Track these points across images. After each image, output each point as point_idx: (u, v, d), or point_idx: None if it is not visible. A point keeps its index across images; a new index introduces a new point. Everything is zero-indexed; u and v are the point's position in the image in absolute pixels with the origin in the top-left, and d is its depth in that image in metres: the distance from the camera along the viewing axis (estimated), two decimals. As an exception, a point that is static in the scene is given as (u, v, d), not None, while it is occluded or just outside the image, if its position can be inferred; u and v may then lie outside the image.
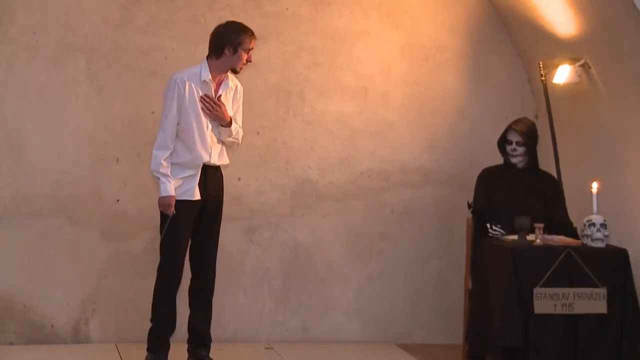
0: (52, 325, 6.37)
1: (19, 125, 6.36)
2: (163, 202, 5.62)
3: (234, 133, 5.79)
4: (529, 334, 5.63)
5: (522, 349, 5.66)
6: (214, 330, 5.95)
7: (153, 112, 6.47)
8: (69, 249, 6.39)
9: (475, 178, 6.27)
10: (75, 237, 6.40)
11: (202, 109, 5.66)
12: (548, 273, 5.61)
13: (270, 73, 6.69)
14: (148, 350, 5.78)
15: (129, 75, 6.48)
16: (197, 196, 5.68)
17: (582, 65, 6.20)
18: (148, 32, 6.51)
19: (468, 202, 6.11)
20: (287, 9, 6.70)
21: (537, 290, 5.61)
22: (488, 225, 5.95)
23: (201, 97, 5.67)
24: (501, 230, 5.90)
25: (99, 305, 6.43)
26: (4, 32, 6.34)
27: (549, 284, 5.61)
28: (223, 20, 6.53)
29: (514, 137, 6.11)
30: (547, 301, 5.61)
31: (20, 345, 6.27)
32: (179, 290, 5.82)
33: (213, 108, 5.68)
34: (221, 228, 6.43)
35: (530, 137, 6.09)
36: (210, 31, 6.51)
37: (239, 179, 6.64)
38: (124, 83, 6.48)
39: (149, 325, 5.80)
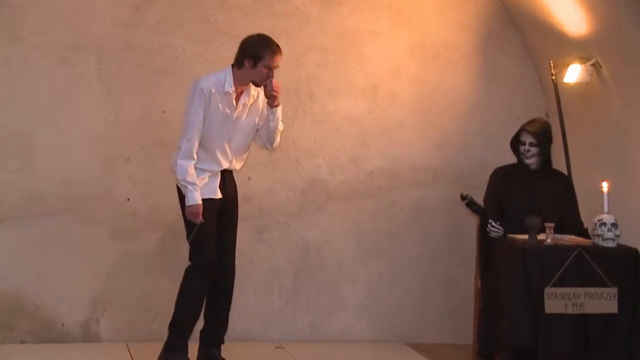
0: (63, 324, 6.38)
1: (29, 125, 6.37)
2: (191, 210, 5.59)
3: (280, 118, 5.76)
4: (539, 334, 5.63)
5: (532, 348, 5.65)
6: (224, 330, 5.96)
7: (163, 112, 6.48)
8: (79, 248, 6.40)
9: (484, 177, 6.26)
10: (85, 236, 6.41)
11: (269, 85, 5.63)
12: (559, 273, 5.61)
13: (280, 72, 6.63)
14: (166, 347, 5.70)
15: (139, 74, 6.48)
16: (219, 194, 5.70)
17: (592, 65, 6.19)
18: (158, 31, 6.52)
19: (461, 194, 6.06)
20: (297, 8, 6.70)
21: (548, 290, 5.60)
22: (489, 223, 5.92)
23: (271, 80, 5.62)
24: (499, 228, 5.87)
25: (110, 304, 6.44)
26: (14, 31, 6.35)
27: (559, 283, 5.61)
28: (233, 20, 6.56)
29: (526, 139, 6.08)
30: (558, 301, 5.61)
31: (31, 344, 6.29)
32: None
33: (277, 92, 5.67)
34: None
35: (543, 138, 6.06)
36: (220, 30, 6.53)
37: (249, 179, 6.65)
38: (133, 82, 6.48)
39: (159, 324, 5.81)
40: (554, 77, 6.45)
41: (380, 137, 6.81)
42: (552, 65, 6.44)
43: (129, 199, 6.49)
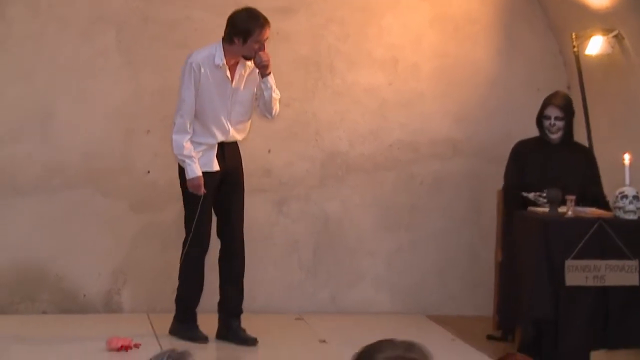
0: (85, 295, 6.43)
1: (50, 97, 6.39)
2: (192, 183, 5.67)
3: (274, 86, 5.74)
4: (560, 306, 5.62)
5: (552, 321, 5.65)
6: (244, 302, 5.99)
7: (183, 84, 6.47)
8: (100, 220, 6.43)
9: (505, 150, 6.24)
10: (106, 208, 6.44)
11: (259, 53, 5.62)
12: (580, 245, 5.59)
13: (300, 45, 6.68)
14: (175, 318, 5.87)
15: (158, 47, 6.48)
16: (215, 167, 5.73)
17: (615, 36, 6.14)
18: (177, 3, 6.51)
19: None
20: (317, -21, 6.68)
21: (569, 263, 5.59)
22: (531, 195, 5.88)
23: (260, 53, 5.62)
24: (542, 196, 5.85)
25: (130, 276, 6.48)
26: (35, 3, 6.35)
27: (580, 256, 5.59)
28: (253, -8, 6.52)
29: (552, 113, 6.00)
30: (579, 273, 5.59)
31: (53, 315, 6.33)
32: (211, 262, 5.87)
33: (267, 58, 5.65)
34: (251, 200, 6.47)
35: (568, 111, 6.02)
36: (240, 1, 6.47)
37: (269, 151, 6.65)
38: (153, 55, 6.48)
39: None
40: (575, 49, 6.41)
41: (400, 110, 6.79)
42: (574, 37, 6.40)
43: (149, 172, 6.51)
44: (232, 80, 5.70)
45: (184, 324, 5.83)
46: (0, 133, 6.35)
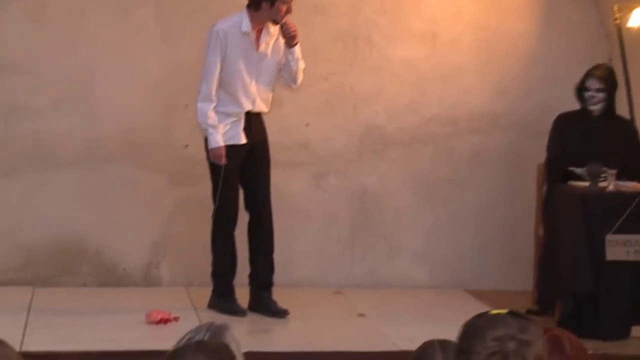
0: (124, 268, 6.47)
1: (90, 71, 6.41)
2: (214, 153, 5.69)
3: (300, 56, 5.75)
4: (599, 281, 5.59)
5: (591, 295, 5.62)
6: (282, 276, 6.01)
7: (222, 57, 6.46)
8: (139, 193, 6.47)
9: (546, 123, 6.19)
10: (145, 182, 6.47)
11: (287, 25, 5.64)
12: (621, 220, 5.55)
13: (338, 18, 6.64)
14: (214, 292, 5.91)
15: (197, 20, 6.46)
16: (243, 140, 5.73)
17: (658, 8, 6.06)
18: (216, -25, 6.50)
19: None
20: (355, -48, 6.63)
21: (610, 237, 5.55)
22: (578, 170, 5.83)
23: (283, 23, 5.64)
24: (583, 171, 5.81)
25: (170, 249, 6.51)
26: (73, -23, 6.37)
27: (621, 230, 5.55)
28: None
29: (592, 84, 5.95)
30: (620, 248, 5.56)
31: (93, 287, 6.39)
32: (240, 235, 5.89)
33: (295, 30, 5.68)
34: (288, 173, 6.49)
35: (609, 83, 5.96)
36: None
37: (306, 125, 6.64)
38: (192, 28, 6.46)
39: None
40: (617, 22, 6.32)
41: (439, 83, 6.74)
42: (616, 9, 6.31)
43: (187, 145, 6.52)
44: (257, 47, 5.70)
45: (222, 297, 5.87)
46: (41, 107, 6.39)
